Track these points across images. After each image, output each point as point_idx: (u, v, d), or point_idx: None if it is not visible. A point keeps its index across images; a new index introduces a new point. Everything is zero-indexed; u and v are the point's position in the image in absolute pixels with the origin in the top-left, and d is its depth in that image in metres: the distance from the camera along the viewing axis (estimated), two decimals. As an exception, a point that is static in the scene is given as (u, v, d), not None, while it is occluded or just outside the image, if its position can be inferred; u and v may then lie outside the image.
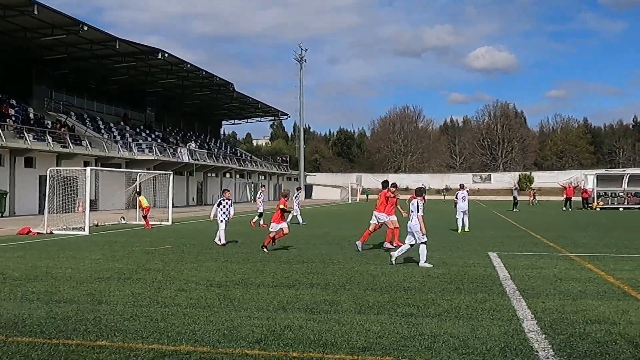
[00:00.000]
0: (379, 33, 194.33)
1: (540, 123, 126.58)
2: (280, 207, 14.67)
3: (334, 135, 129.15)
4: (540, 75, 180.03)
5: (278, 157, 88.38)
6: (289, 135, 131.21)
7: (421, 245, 11.96)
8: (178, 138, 61.01)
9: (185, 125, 69.94)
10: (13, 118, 37.88)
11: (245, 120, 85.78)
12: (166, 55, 45.20)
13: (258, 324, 6.77)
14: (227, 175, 64.22)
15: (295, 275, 10.56)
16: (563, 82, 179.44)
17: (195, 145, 60.01)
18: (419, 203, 12.15)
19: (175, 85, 56.95)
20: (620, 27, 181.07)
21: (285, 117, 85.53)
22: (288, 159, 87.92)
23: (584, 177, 56.14)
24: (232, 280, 10.00)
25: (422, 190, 13.08)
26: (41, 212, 26.85)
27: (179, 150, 52.37)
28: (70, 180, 24.00)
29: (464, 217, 21.32)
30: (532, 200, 53.61)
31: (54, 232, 20.36)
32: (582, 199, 46.81)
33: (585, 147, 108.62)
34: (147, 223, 23.40)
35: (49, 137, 37.10)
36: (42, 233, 20.14)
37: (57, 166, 33.27)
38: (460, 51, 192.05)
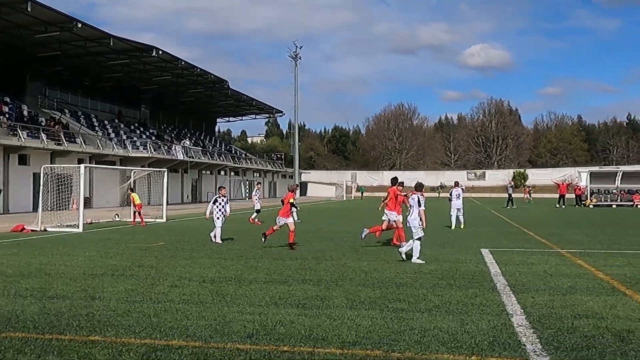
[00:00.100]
0: (375, 30, 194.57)
1: (535, 120, 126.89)
2: (290, 202, 14.69)
3: (329, 133, 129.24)
4: (535, 73, 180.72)
5: (273, 155, 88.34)
6: (284, 133, 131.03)
7: (415, 241, 12.05)
8: (172, 135, 60.95)
9: (179, 122, 69.85)
10: (7, 115, 37.77)
11: (240, 118, 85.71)
12: (160, 52, 45.12)
13: (250, 319, 6.83)
14: (222, 173, 64.21)
15: (288, 272, 10.62)
16: (558, 80, 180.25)
17: (189, 142, 59.99)
18: (419, 198, 12.23)
19: (170, 83, 56.85)
20: (614, 25, 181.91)
21: (280, 114, 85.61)
22: (283, 156, 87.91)
23: (578, 175, 56.37)
24: (225, 277, 10.05)
25: (422, 185, 13.18)
26: (35, 209, 26.77)
27: (173, 148, 52.35)
28: (64, 178, 24.00)
29: (458, 214, 21.42)
30: (526, 197, 53.80)
31: (48, 229, 20.38)
32: (575, 196, 47.01)
33: (579, 144, 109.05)
34: (142, 220, 23.47)
35: (43, 134, 37.06)
36: (36, 230, 20.16)
37: (51, 163, 33.16)
38: (455, 49, 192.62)
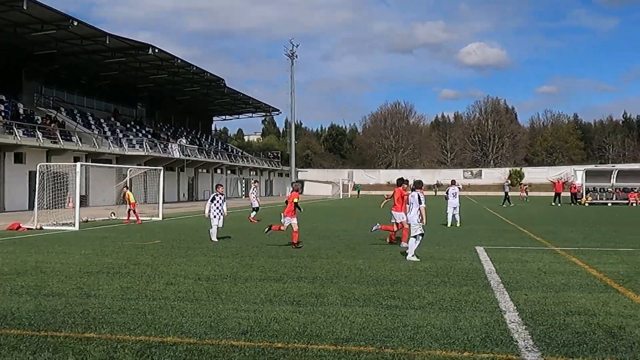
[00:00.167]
0: (372, 29, 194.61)
1: (531, 119, 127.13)
2: (294, 202, 14.71)
3: (326, 131, 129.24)
4: (531, 72, 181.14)
5: (269, 153, 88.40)
6: (281, 131, 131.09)
7: (411, 238, 12.10)
8: (169, 134, 60.90)
9: (176, 121, 69.82)
10: (2, 114, 37.69)
11: (237, 116, 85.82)
12: (156, 50, 45.09)
13: (245, 317, 6.87)
14: (219, 171, 64.21)
15: (283, 269, 10.66)
16: (554, 78, 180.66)
17: (186, 141, 59.95)
18: (419, 195, 12.27)
19: (166, 81, 56.83)
20: (612, 24, 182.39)
21: (277, 113, 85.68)
22: (279, 154, 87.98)
23: (574, 173, 56.52)
24: (221, 274, 10.08)
25: (422, 183, 13.22)
26: (31, 207, 26.79)
27: (169, 146, 52.33)
28: (60, 176, 23.98)
29: (454, 212, 21.52)
30: (522, 195, 53.85)
31: (44, 227, 20.36)
32: (570, 194, 47.14)
33: (575, 142, 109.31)
34: (137, 218, 23.47)
35: (38, 132, 37.02)
36: (32, 229, 20.15)
37: (47, 162, 33.10)
38: (453, 47, 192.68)
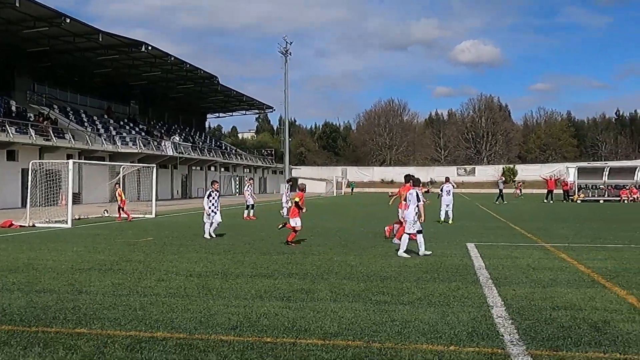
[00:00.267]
0: (367, 27, 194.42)
1: (525, 116, 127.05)
2: (295, 201, 14.74)
3: (320, 129, 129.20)
4: (525, 69, 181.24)
5: (263, 150, 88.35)
6: (275, 129, 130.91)
7: (404, 235, 12.19)
8: (162, 131, 60.77)
9: (169, 118, 69.67)
10: (-5, 111, 37.59)
11: (230, 114, 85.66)
12: (149, 47, 44.98)
13: (235, 312, 6.94)
14: (212, 169, 64.17)
15: (275, 266, 10.72)
16: (548, 76, 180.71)
17: (179, 138, 59.85)
18: (418, 193, 12.37)
19: (159, 78, 56.68)
20: (605, 21, 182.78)
21: (271, 110, 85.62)
22: (273, 152, 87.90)
23: (566, 170, 56.76)
24: (212, 271, 10.14)
25: (420, 181, 13.32)
26: (23, 205, 26.74)
27: (163, 144, 52.21)
28: (53, 174, 23.96)
29: (447, 209, 21.64)
30: (517, 192, 53.91)
31: (36, 225, 20.34)
32: (563, 191, 47.33)
33: (569, 140, 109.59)
34: (128, 215, 23.46)
35: (31, 130, 36.88)
36: (25, 226, 20.12)
37: (39, 159, 32.99)
38: (446, 45, 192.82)
